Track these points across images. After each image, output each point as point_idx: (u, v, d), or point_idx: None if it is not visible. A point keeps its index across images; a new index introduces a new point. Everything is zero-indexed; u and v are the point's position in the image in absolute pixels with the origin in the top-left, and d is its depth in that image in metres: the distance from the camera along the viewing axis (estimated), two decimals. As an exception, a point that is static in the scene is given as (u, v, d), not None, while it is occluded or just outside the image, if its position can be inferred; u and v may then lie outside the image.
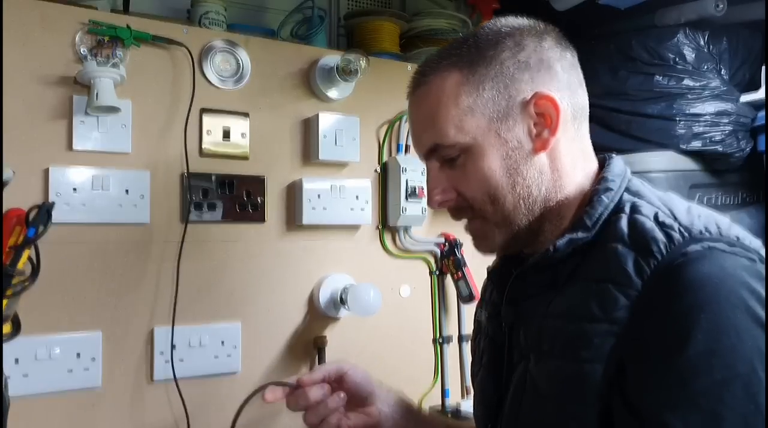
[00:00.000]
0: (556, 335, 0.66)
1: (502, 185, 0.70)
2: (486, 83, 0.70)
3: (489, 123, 0.70)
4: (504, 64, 0.70)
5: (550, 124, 0.70)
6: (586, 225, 0.68)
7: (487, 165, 0.70)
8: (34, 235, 0.83)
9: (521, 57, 0.71)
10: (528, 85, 0.70)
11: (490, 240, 0.74)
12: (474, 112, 0.70)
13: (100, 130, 1.20)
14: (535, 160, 0.71)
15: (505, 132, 0.70)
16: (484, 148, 0.70)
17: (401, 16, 1.65)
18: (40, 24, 1.16)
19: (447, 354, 1.57)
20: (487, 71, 0.70)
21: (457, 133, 0.70)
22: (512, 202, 0.71)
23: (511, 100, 0.70)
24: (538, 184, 0.71)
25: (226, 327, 1.31)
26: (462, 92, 0.70)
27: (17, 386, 1.10)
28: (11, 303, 0.86)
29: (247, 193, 1.34)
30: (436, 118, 0.71)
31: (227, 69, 1.34)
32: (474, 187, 0.71)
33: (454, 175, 0.73)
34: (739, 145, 1.49)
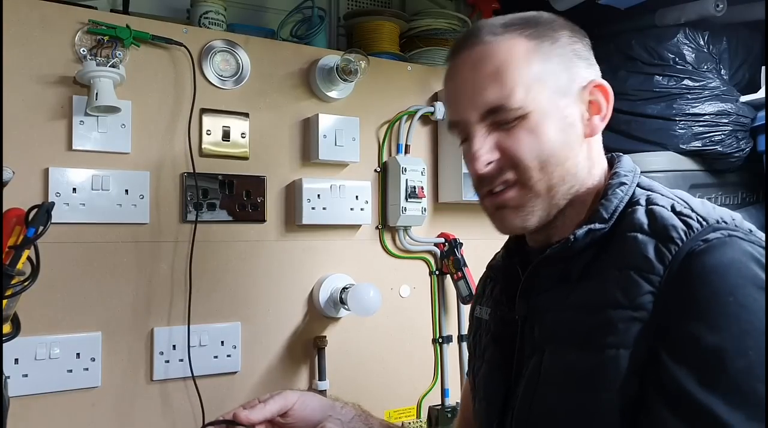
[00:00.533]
0: (575, 326, 0.66)
1: (557, 155, 0.69)
2: (553, 57, 0.71)
3: (552, 94, 0.70)
4: (565, 47, 0.72)
5: (600, 112, 0.72)
6: (602, 217, 0.68)
7: (546, 131, 0.69)
8: (33, 235, 0.82)
9: (576, 47, 0.73)
10: (584, 71, 0.73)
11: (526, 212, 0.71)
12: (542, 81, 0.69)
13: (100, 130, 1.20)
14: (584, 144, 0.73)
15: (564, 107, 0.71)
16: (546, 116, 0.69)
17: (401, 16, 1.65)
18: (40, 24, 1.16)
19: (447, 354, 1.57)
20: (552, 48, 0.71)
21: (526, 97, 0.69)
22: (560, 174, 0.70)
23: (571, 79, 0.71)
24: (582, 166, 0.72)
25: (226, 327, 1.31)
26: (534, 59, 0.70)
27: (17, 386, 1.10)
28: (11, 303, 0.86)
29: (247, 193, 1.34)
30: (506, 76, 0.69)
31: (227, 69, 1.34)
32: (528, 149, 0.69)
33: (504, 137, 0.70)
34: (739, 145, 1.49)
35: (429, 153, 1.59)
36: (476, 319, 0.89)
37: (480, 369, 0.84)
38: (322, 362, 1.39)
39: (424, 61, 1.64)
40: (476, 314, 0.89)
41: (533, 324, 0.72)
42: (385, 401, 1.50)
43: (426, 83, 1.58)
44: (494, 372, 0.79)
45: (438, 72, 1.61)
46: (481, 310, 0.87)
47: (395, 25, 1.63)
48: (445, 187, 1.57)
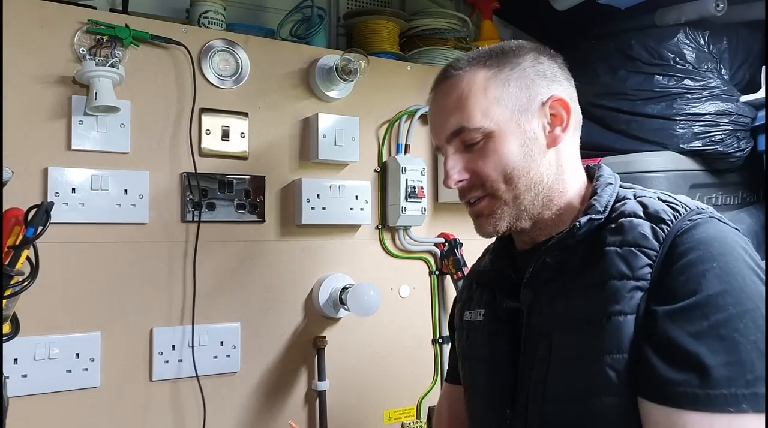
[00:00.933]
0: (582, 304, 0.74)
1: (519, 167, 0.80)
2: (511, 81, 0.81)
3: (511, 114, 0.80)
4: (526, 69, 0.82)
5: (562, 123, 0.81)
6: (597, 210, 0.77)
7: (507, 148, 0.80)
8: (33, 235, 0.82)
9: (539, 68, 0.83)
10: (545, 89, 0.82)
11: (496, 219, 0.82)
12: (500, 103, 0.80)
13: (99, 130, 1.20)
14: (547, 154, 0.81)
15: (525, 124, 0.80)
16: (505, 134, 0.80)
17: (401, 15, 1.65)
18: (39, 24, 1.16)
19: (447, 354, 1.57)
20: (512, 72, 0.81)
21: (483, 119, 0.80)
22: (525, 184, 0.80)
23: (531, 98, 0.81)
24: (547, 174, 0.81)
25: (226, 327, 1.31)
26: (490, 85, 0.81)
27: (16, 386, 1.10)
28: (10, 303, 0.86)
29: (247, 193, 1.34)
30: (465, 103, 0.81)
31: (226, 69, 1.34)
32: (491, 167, 0.80)
33: (471, 157, 0.82)
34: (739, 145, 1.49)
35: (429, 153, 1.59)
36: (466, 323, 0.94)
37: (474, 370, 0.90)
38: (321, 362, 1.39)
39: (423, 61, 1.64)
40: (466, 318, 0.95)
41: (539, 312, 0.79)
42: (385, 401, 1.50)
43: (426, 83, 1.57)
44: (498, 366, 0.84)
45: (438, 71, 1.60)
46: (471, 314, 0.93)
47: (395, 25, 1.63)
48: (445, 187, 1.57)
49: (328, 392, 1.39)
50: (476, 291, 0.94)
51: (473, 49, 1.78)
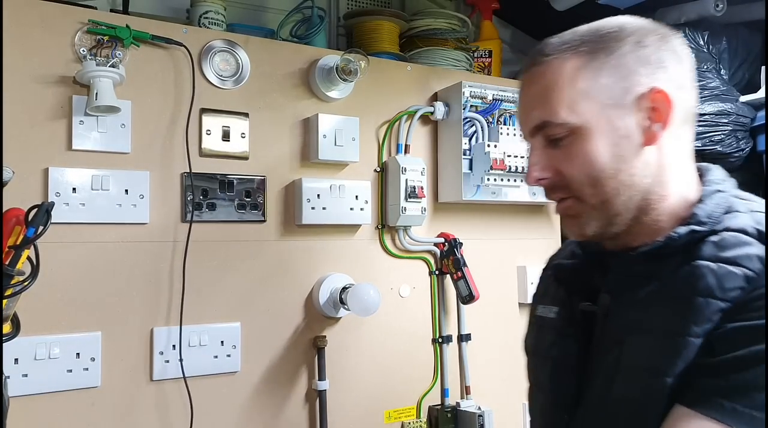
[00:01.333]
0: (664, 315, 0.69)
1: (606, 169, 0.72)
2: (604, 71, 0.72)
3: (602, 109, 0.72)
4: (625, 56, 0.73)
5: (662, 118, 0.72)
6: (700, 220, 0.71)
7: (594, 148, 0.72)
8: (33, 235, 0.82)
9: (642, 53, 0.73)
10: (645, 78, 0.72)
11: (583, 222, 0.76)
12: (589, 96, 0.72)
13: (100, 130, 1.20)
14: (643, 152, 0.73)
15: (617, 120, 0.72)
16: (593, 132, 0.72)
17: (401, 15, 1.65)
18: (40, 24, 1.16)
19: (447, 354, 1.57)
20: (608, 60, 0.73)
21: (569, 113, 0.73)
22: (614, 187, 0.73)
23: (627, 90, 0.72)
24: (642, 176, 0.73)
25: (226, 327, 1.31)
26: (580, 75, 0.73)
27: (17, 386, 1.10)
28: (11, 303, 0.86)
29: (247, 192, 1.34)
30: (549, 95, 0.74)
31: (227, 69, 1.34)
32: (577, 168, 0.73)
33: (556, 154, 0.75)
34: (739, 145, 1.49)
35: (429, 153, 1.59)
36: (538, 318, 0.90)
37: (544, 367, 0.86)
38: (321, 362, 1.39)
39: (423, 61, 1.64)
40: (539, 313, 0.90)
41: (615, 318, 0.74)
42: (385, 401, 1.50)
43: (426, 83, 1.58)
44: (564, 367, 0.81)
45: (438, 72, 1.61)
46: (545, 309, 0.88)
47: (395, 25, 1.63)
48: (445, 186, 1.57)
49: (328, 392, 1.39)
50: (552, 286, 0.89)
51: (473, 50, 1.80)
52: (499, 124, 1.58)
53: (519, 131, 0.82)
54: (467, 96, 1.51)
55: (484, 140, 1.54)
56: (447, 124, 1.56)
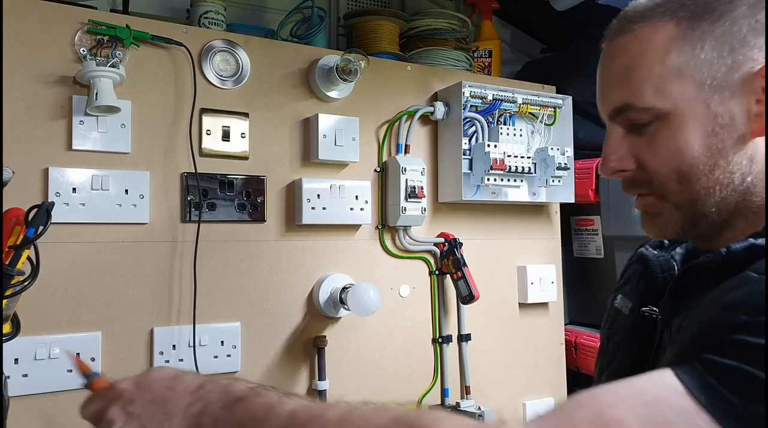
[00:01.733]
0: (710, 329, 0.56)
1: (699, 164, 0.61)
2: (707, 42, 0.60)
3: (699, 90, 0.60)
4: (737, 22, 0.59)
5: None
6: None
7: (685, 138, 0.61)
8: (33, 235, 0.82)
9: (759, 20, 0.59)
10: (761, 52, 0.59)
11: (664, 221, 0.66)
12: (683, 75, 0.60)
13: (100, 130, 1.20)
14: (747, 145, 0.61)
15: (717, 104, 0.60)
16: (685, 119, 0.61)
17: (401, 15, 1.65)
18: (40, 24, 1.16)
19: (447, 354, 1.57)
20: (713, 28, 0.60)
21: (655, 96, 0.61)
22: (705, 185, 0.61)
23: (735, 67, 0.59)
24: (743, 173, 0.61)
25: (226, 327, 1.31)
26: (673, 49, 0.60)
27: (17, 386, 1.10)
28: (11, 303, 0.86)
29: (247, 193, 1.34)
30: (633, 74, 0.62)
31: (227, 69, 1.34)
32: (662, 160, 0.62)
33: (639, 142, 0.64)
34: (739, 145, 1.49)
35: (429, 153, 1.59)
36: (614, 309, 0.79)
37: (610, 366, 0.77)
38: (322, 362, 1.39)
39: (423, 61, 1.64)
40: (616, 304, 0.79)
41: (674, 327, 0.64)
42: (385, 400, 1.49)
43: (426, 83, 1.58)
44: (626, 371, 0.70)
45: (438, 72, 1.61)
46: (622, 301, 0.78)
47: (395, 25, 1.63)
48: (445, 186, 1.57)
49: (328, 391, 1.39)
50: (634, 278, 0.78)
51: (473, 50, 1.80)
52: (499, 124, 1.58)
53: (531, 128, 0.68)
54: (467, 96, 1.51)
55: (484, 140, 1.54)
56: (447, 124, 1.57)
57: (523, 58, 2.08)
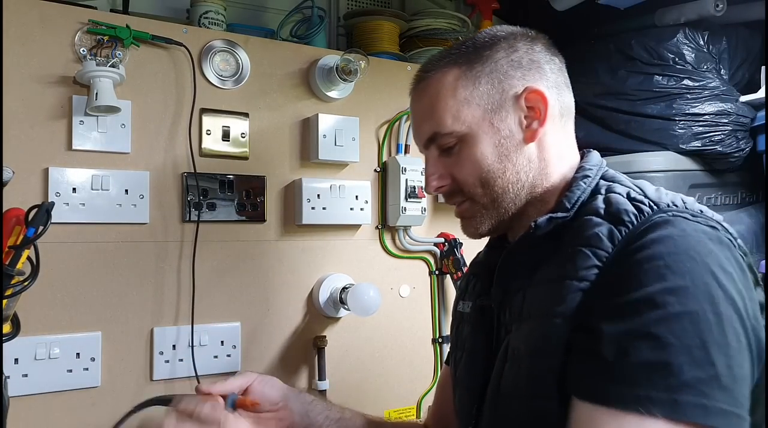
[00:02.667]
0: (534, 299, 0.72)
1: (494, 170, 0.77)
2: (482, 78, 0.77)
3: (483, 113, 0.77)
4: (499, 62, 0.78)
5: (539, 115, 0.77)
6: (565, 206, 0.74)
7: (481, 151, 0.77)
8: (33, 235, 0.83)
9: (514, 57, 0.78)
10: (520, 81, 0.77)
11: (477, 222, 0.81)
12: (470, 104, 0.77)
13: (100, 130, 1.20)
14: (525, 150, 0.78)
15: (498, 122, 0.77)
16: (478, 136, 0.77)
17: (401, 15, 1.65)
18: (40, 24, 1.16)
19: (447, 353, 1.57)
20: (483, 68, 0.78)
21: (454, 122, 0.77)
22: (502, 186, 0.78)
23: (504, 93, 0.77)
24: (526, 171, 0.78)
25: (226, 327, 1.31)
26: (459, 85, 0.77)
27: (17, 386, 1.10)
28: (11, 303, 0.86)
29: (247, 193, 1.34)
30: (435, 108, 0.78)
31: (227, 69, 1.34)
32: (467, 172, 0.78)
33: (450, 162, 0.80)
34: (739, 145, 1.49)
35: (429, 153, 1.59)
36: (458, 314, 0.94)
37: (461, 360, 0.89)
38: (322, 362, 1.39)
39: (423, 61, 1.64)
40: (459, 308, 0.94)
41: (506, 308, 0.78)
42: (385, 401, 1.50)
43: (426, 83, 1.58)
44: (474, 360, 0.84)
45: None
46: (463, 305, 0.92)
47: (395, 25, 1.63)
48: (445, 186, 1.57)
49: (328, 392, 1.39)
50: (471, 282, 0.93)
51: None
52: (499, 124, 1.58)
53: None
54: (467, 96, 1.51)
55: (484, 140, 1.53)
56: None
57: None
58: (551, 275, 0.70)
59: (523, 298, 0.74)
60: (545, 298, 0.70)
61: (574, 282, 0.67)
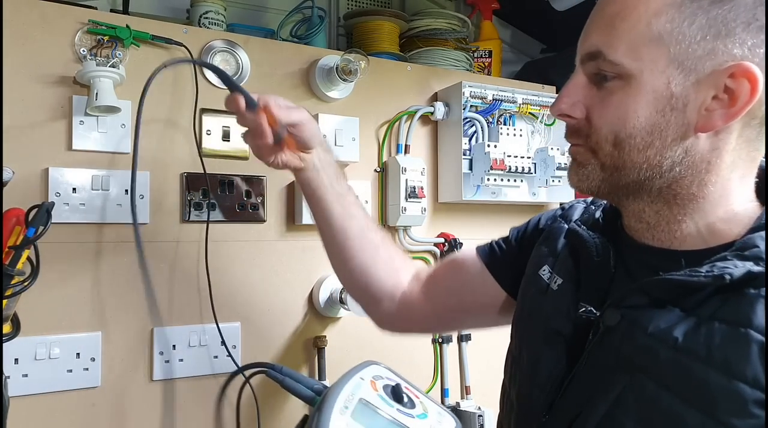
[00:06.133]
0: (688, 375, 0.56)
1: (636, 136, 0.60)
2: (698, 18, 0.57)
3: (668, 64, 0.58)
4: (736, 10, 0.56)
5: (733, 106, 0.58)
6: (760, 256, 0.56)
7: (635, 106, 0.60)
8: (33, 235, 0.83)
9: (761, 15, 0.56)
10: (742, 50, 0.57)
11: (587, 173, 0.66)
12: (661, 43, 0.58)
13: (100, 130, 1.20)
14: (690, 138, 0.60)
15: (677, 85, 0.58)
16: (643, 88, 0.59)
17: (401, 16, 1.65)
18: (40, 24, 1.16)
19: (447, 354, 1.57)
20: (711, 7, 0.57)
21: (626, 54, 0.59)
22: (635, 159, 0.61)
23: (711, 55, 0.57)
24: (674, 162, 0.61)
25: (226, 327, 1.31)
26: (665, 12, 0.58)
27: (17, 386, 1.10)
28: (11, 303, 0.86)
29: (247, 193, 1.34)
30: (618, 24, 0.60)
31: (227, 69, 1.34)
32: (606, 120, 0.62)
33: (595, 95, 0.64)
34: (739, 145, 1.49)
35: (429, 153, 1.59)
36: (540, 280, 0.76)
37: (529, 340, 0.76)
38: (322, 362, 1.39)
39: (424, 61, 1.64)
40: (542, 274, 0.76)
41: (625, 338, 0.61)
42: (385, 401, 1.50)
43: (426, 83, 1.58)
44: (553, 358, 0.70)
45: (438, 72, 1.61)
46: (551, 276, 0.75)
47: (395, 25, 1.63)
48: (445, 187, 1.57)
49: (328, 392, 1.39)
50: (563, 251, 0.76)
51: (473, 50, 1.80)
52: (499, 124, 1.58)
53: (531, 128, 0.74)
54: (467, 96, 1.52)
55: (484, 140, 1.54)
56: (447, 124, 1.57)
57: (523, 58, 2.09)
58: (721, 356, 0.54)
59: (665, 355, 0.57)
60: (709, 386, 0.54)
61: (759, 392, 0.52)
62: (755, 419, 0.52)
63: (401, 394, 0.76)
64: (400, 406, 0.74)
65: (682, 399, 0.56)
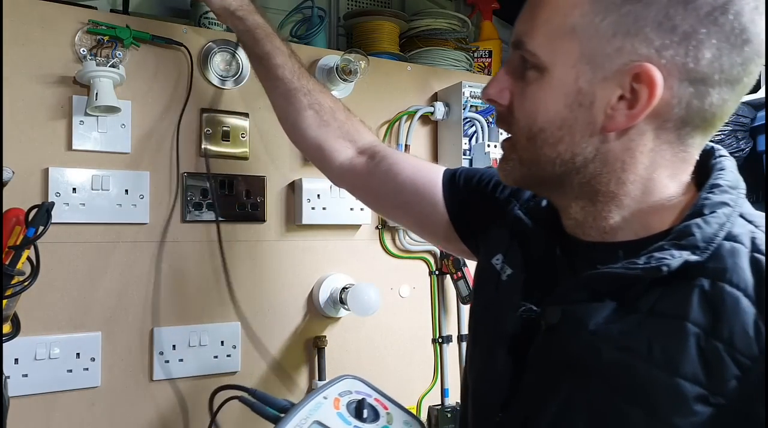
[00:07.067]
0: (628, 373, 0.55)
1: (547, 131, 0.59)
2: (611, 14, 0.55)
3: (579, 59, 0.56)
4: (647, 8, 0.54)
5: (634, 107, 0.56)
6: (696, 244, 0.55)
7: (546, 100, 0.59)
8: (33, 235, 0.83)
9: (671, 12, 0.53)
10: (649, 50, 0.54)
11: (510, 167, 0.65)
12: (573, 36, 0.56)
13: (100, 130, 1.20)
14: (597, 136, 0.58)
15: (585, 82, 0.57)
16: (555, 81, 0.58)
17: (401, 16, 1.65)
18: (40, 24, 1.16)
19: (447, 353, 1.57)
20: (624, 3, 0.54)
21: (543, 44, 0.58)
22: (548, 154, 0.60)
23: (618, 53, 0.55)
24: (586, 159, 0.59)
25: (226, 327, 1.31)
26: (580, 5, 0.56)
27: (17, 386, 1.10)
28: (11, 303, 0.86)
29: (247, 193, 1.34)
30: (538, 13, 0.59)
31: (227, 69, 1.34)
32: (522, 112, 0.61)
33: (518, 83, 0.62)
34: (739, 145, 1.49)
35: (429, 153, 1.59)
36: (492, 267, 0.74)
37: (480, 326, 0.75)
38: (322, 362, 1.39)
39: (424, 61, 1.64)
40: (494, 262, 0.74)
41: (568, 337, 0.60)
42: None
43: (426, 83, 1.58)
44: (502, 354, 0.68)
45: (438, 72, 1.61)
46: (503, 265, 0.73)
47: (395, 25, 1.63)
48: (445, 186, 1.57)
49: (328, 392, 1.39)
50: (507, 239, 0.74)
51: (473, 50, 1.80)
52: (499, 124, 1.58)
53: None
54: (467, 96, 1.52)
55: (484, 140, 1.54)
56: (447, 124, 1.57)
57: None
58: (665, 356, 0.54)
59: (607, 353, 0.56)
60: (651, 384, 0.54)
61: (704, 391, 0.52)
62: (697, 416, 0.52)
63: (362, 409, 0.79)
64: (359, 422, 0.78)
65: (626, 398, 0.55)
